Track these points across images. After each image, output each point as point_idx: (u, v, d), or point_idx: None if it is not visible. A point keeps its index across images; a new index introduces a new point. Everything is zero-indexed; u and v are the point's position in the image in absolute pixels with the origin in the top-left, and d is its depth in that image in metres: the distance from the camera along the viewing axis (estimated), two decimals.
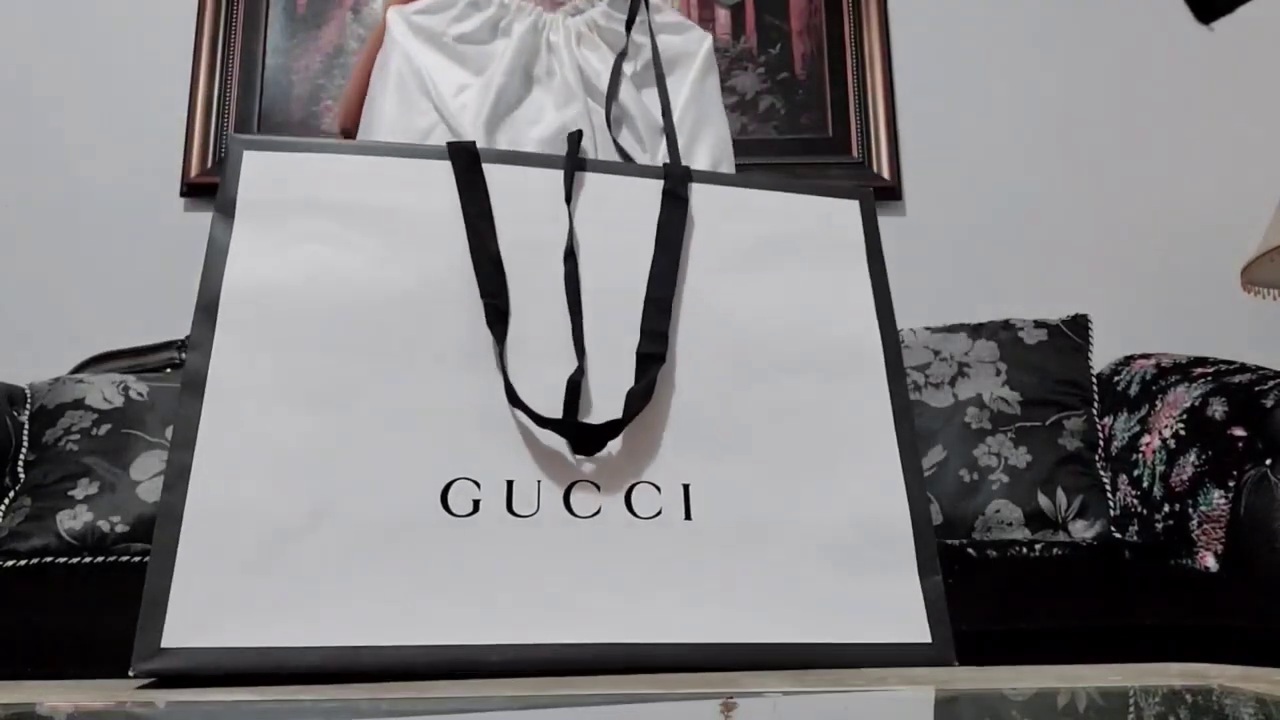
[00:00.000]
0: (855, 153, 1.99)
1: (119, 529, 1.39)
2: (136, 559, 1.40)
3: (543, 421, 0.60)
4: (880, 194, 1.98)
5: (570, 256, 0.65)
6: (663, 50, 0.88)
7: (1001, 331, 1.57)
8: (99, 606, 1.10)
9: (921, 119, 2.01)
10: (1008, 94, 2.04)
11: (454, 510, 0.58)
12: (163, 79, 1.98)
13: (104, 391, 1.53)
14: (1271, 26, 1.96)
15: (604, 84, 0.85)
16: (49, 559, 1.37)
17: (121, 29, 2.01)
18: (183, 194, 1.94)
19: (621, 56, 0.88)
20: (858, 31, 2.05)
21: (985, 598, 1.08)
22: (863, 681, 0.58)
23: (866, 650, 0.61)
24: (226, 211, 0.65)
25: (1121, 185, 1.99)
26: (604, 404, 0.62)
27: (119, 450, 1.46)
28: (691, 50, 0.93)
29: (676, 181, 0.69)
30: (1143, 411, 1.43)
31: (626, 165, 0.76)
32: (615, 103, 0.84)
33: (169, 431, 1.50)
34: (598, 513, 0.60)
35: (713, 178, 0.73)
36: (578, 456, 0.61)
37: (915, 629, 0.62)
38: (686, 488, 0.61)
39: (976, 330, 1.58)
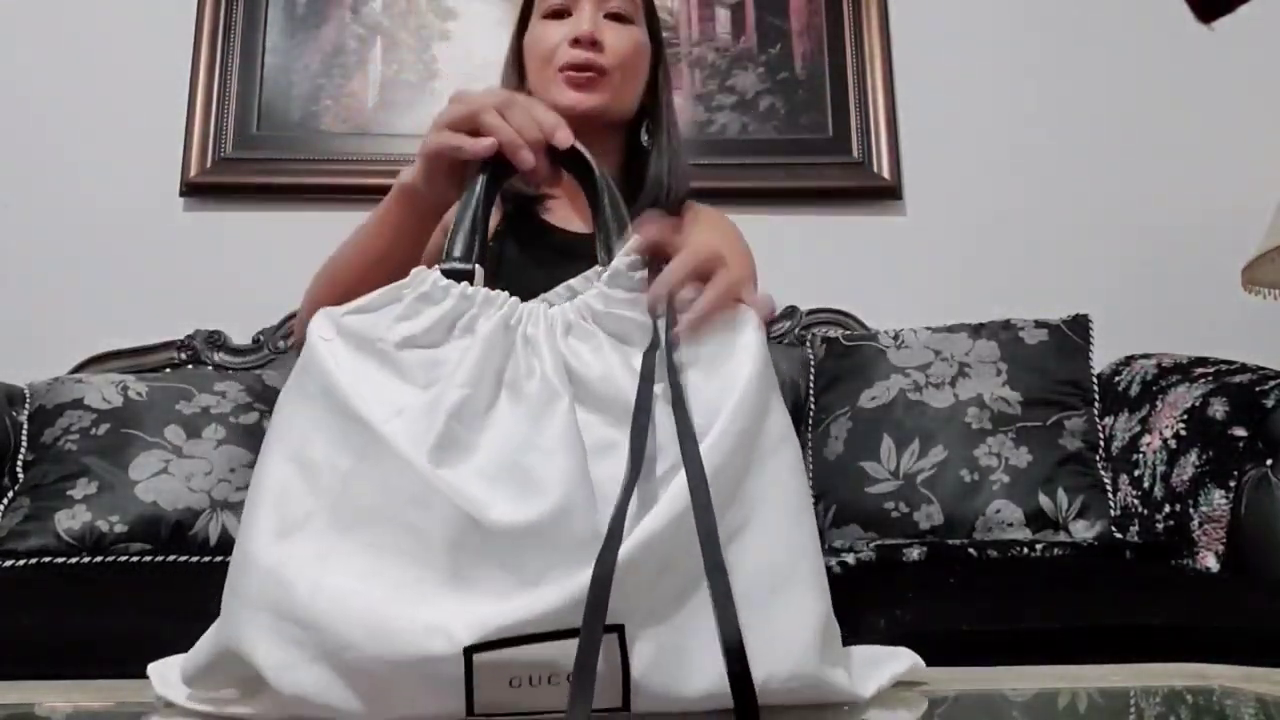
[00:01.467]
0: (855, 153, 1.99)
1: (118, 529, 1.39)
2: (135, 559, 1.40)
3: None
4: (880, 194, 1.98)
5: None
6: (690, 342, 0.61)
7: (1002, 331, 1.57)
8: (98, 606, 1.10)
9: (921, 119, 2.01)
10: (1008, 94, 2.04)
11: None
12: (163, 79, 1.98)
13: (103, 391, 1.53)
14: (1271, 26, 1.95)
15: (596, 376, 0.59)
16: (48, 559, 1.37)
17: (121, 29, 2.01)
18: (183, 194, 1.94)
19: (653, 349, 0.60)
20: (858, 31, 2.05)
21: (985, 598, 1.08)
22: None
23: None
24: None
25: (1122, 185, 1.99)
26: None
27: (118, 450, 1.46)
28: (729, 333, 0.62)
29: None
30: (1143, 411, 1.43)
31: None
32: (645, 413, 0.57)
33: (168, 431, 1.50)
34: None
35: None
36: None
37: None
38: None
39: (977, 330, 1.58)
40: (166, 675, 0.57)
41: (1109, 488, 1.45)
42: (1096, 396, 1.54)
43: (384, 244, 0.87)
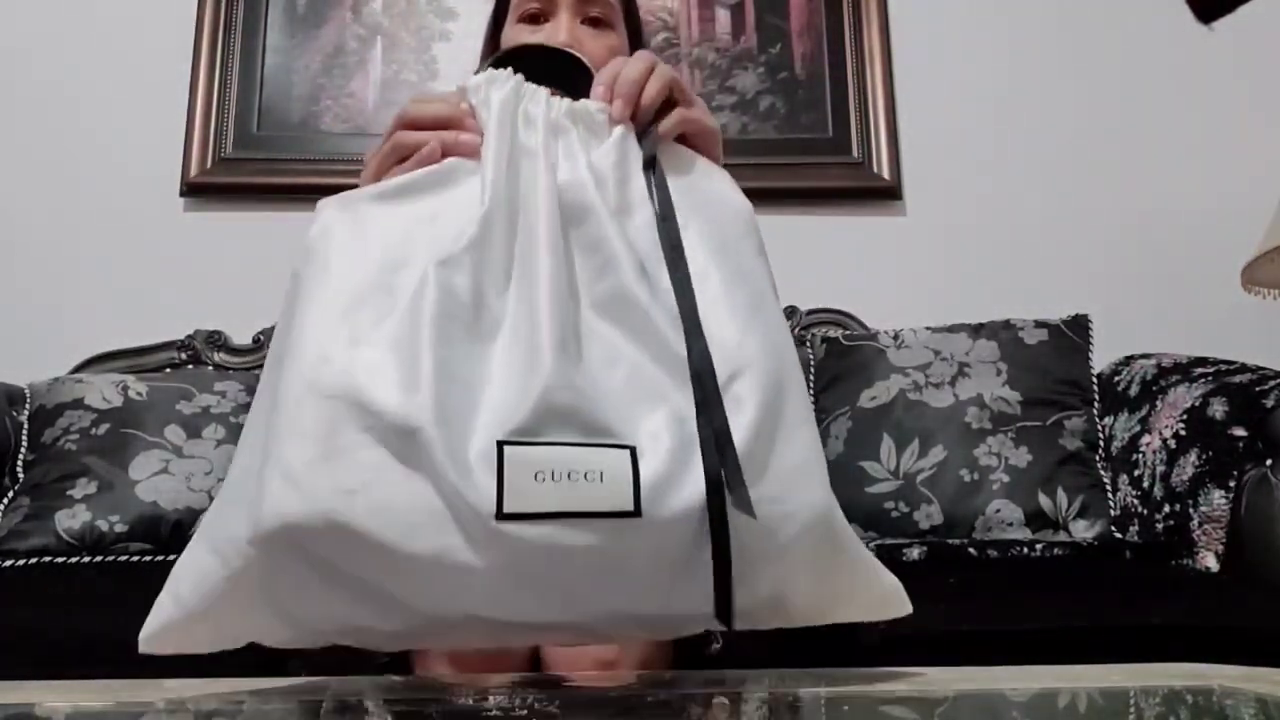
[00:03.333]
0: (855, 153, 1.99)
1: (118, 528, 1.39)
2: (135, 558, 1.40)
3: None
4: (880, 194, 1.98)
5: None
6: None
7: (1002, 331, 1.57)
8: (98, 606, 1.10)
9: (921, 119, 2.01)
10: (1007, 94, 2.04)
11: None
12: (163, 79, 1.98)
13: (103, 391, 1.53)
14: (1272, 26, 1.95)
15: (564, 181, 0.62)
16: (48, 558, 1.37)
17: (121, 29, 2.01)
18: (183, 194, 1.94)
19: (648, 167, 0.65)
20: (858, 31, 2.05)
21: (985, 598, 1.08)
22: (863, 682, 0.58)
23: None
24: None
25: (1122, 185, 1.99)
26: None
27: (118, 450, 1.46)
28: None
29: None
30: (1143, 411, 1.43)
31: None
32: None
33: (168, 431, 1.50)
34: None
35: None
36: None
37: None
38: None
39: (977, 330, 1.58)
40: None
41: (1109, 488, 1.45)
42: (1096, 396, 1.54)
43: None
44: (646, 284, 0.58)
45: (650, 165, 0.64)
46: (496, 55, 0.72)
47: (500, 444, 0.49)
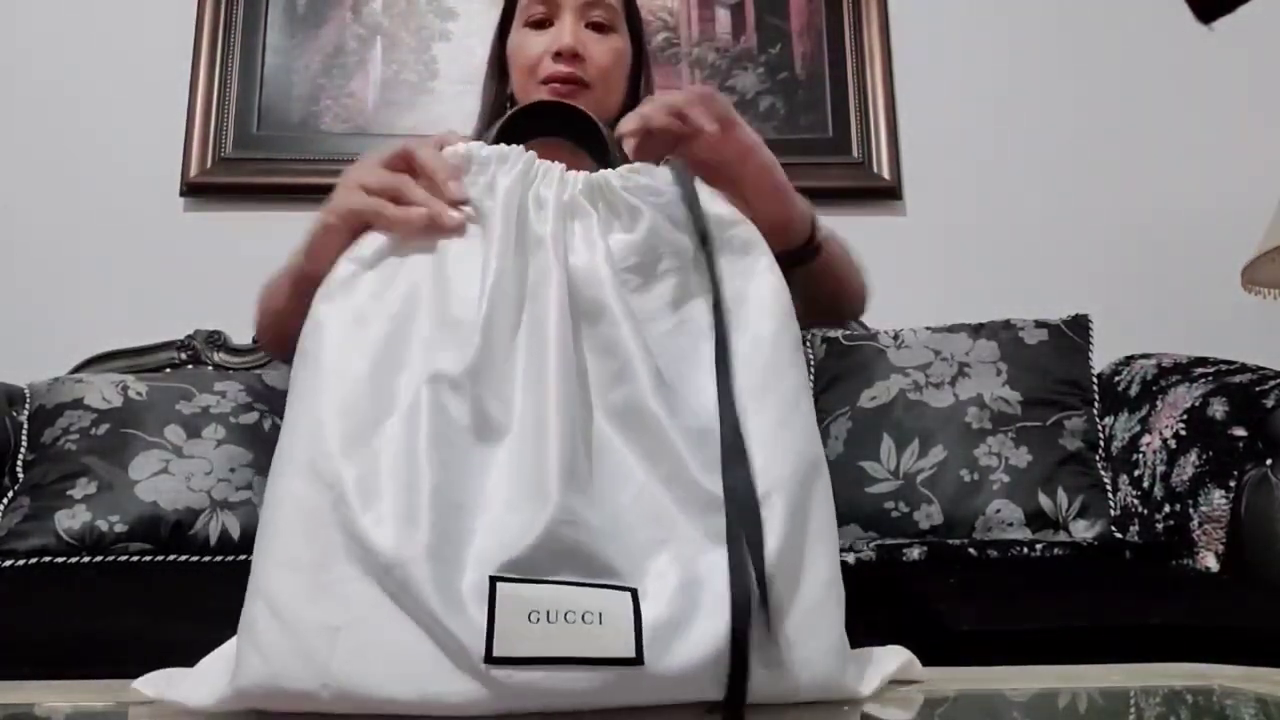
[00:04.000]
0: (855, 153, 1.99)
1: (118, 528, 1.39)
2: (135, 559, 1.40)
3: None
4: (880, 194, 1.98)
5: None
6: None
7: (1002, 331, 1.57)
8: (98, 606, 1.10)
9: (921, 119, 2.01)
10: (1008, 94, 2.04)
11: None
12: (163, 79, 1.98)
13: (103, 391, 1.53)
14: (1272, 26, 1.95)
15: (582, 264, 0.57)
16: (48, 559, 1.37)
17: (121, 29, 2.01)
18: (183, 194, 1.94)
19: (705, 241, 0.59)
20: (858, 31, 2.05)
21: (985, 598, 1.08)
22: None
23: None
24: None
25: (1122, 185, 1.99)
26: None
27: (118, 450, 1.46)
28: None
29: None
30: (1143, 411, 1.43)
31: None
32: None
33: (168, 431, 1.50)
34: None
35: None
36: None
37: None
38: None
39: (977, 330, 1.58)
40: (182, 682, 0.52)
41: (1109, 488, 1.45)
42: (1096, 396, 1.54)
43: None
44: (664, 395, 0.53)
45: (692, 201, 0.60)
46: (508, 115, 0.69)
47: (494, 580, 0.46)
